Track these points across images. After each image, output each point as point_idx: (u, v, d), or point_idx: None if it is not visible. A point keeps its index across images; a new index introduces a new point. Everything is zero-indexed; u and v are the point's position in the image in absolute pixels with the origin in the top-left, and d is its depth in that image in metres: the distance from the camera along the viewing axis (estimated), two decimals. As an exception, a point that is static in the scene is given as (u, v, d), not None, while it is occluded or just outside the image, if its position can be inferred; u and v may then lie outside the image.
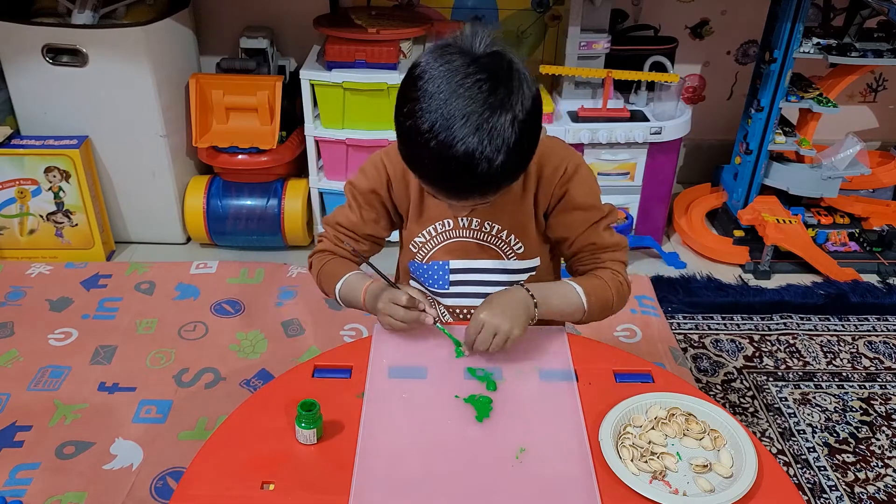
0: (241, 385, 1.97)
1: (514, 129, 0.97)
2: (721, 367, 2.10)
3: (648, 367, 1.17)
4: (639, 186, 2.44)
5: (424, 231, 1.26)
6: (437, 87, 0.96)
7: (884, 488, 1.76)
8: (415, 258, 1.30)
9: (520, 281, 1.29)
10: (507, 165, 0.98)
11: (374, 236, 1.30)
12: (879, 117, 2.99)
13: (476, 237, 1.25)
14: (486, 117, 0.95)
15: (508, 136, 0.96)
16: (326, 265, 1.29)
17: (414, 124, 0.97)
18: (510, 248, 1.26)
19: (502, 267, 1.28)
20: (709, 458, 0.98)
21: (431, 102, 0.96)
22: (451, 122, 0.95)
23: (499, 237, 1.25)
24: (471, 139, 0.95)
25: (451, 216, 1.24)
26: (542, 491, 0.95)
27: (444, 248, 1.27)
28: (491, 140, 0.95)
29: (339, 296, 1.27)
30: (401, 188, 1.25)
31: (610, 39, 2.38)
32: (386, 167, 1.24)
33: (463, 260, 1.28)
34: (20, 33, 2.25)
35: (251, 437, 1.02)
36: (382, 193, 1.25)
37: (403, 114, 1.00)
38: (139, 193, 2.50)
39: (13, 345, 2.09)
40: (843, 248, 2.57)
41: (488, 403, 1.07)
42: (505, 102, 0.96)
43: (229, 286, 2.36)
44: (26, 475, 1.70)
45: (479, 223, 1.24)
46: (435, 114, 0.96)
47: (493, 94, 0.96)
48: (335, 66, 2.29)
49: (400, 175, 1.24)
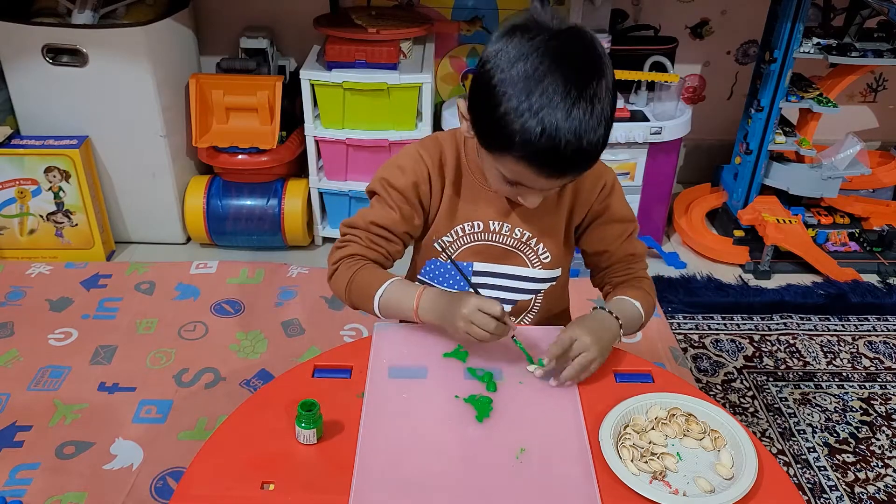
0: (241, 385, 1.97)
1: (609, 98, 0.98)
2: (721, 367, 2.10)
3: (648, 367, 1.17)
4: (639, 186, 2.44)
5: (453, 230, 1.23)
6: (528, 65, 0.96)
7: (884, 488, 1.76)
8: (439, 257, 1.27)
9: (540, 290, 1.29)
10: (607, 135, 0.99)
11: (409, 235, 1.24)
12: (879, 117, 2.99)
13: (504, 242, 1.24)
14: (585, 89, 0.95)
15: (606, 106, 0.97)
16: (359, 272, 1.19)
17: (511, 107, 0.96)
18: (536, 257, 1.25)
19: (526, 275, 1.27)
20: (713, 483, 0.97)
21: (528, 82, 0.95)
22: (553, 97, 0.94)
23: (527, 244, 1.24)
24: (576, 112, 0.95)
25: (482, 218, 1.21)
26: (542, 491, 0.95)
27: (469, 249, 1.25)
28: (593, 111, 0.96)
29: (378, 303, 1.17)
30: (437, 183, 1.21)
31: (610, 39, 2.38)
32: (425, 160, 1.20)
33: (487, 263, 1.26)
34: (20, 33, 2.25)
35: (251, 437, 1.02)
36: (423, 187, 1.20)
37: (494, 100, 0.98)
38: (139, 193, 2.50)
39: (13, 345, 2.09)
40: (843, 248, 2.57)
41: (488, 403, 1.07)
42: (598, 72, 0.97)
43: (229, 286, 2.36)
44: (26, 475, 1.70)
45: (510, 228, 1.22)
46: (534, 93, 0.95)
47: (586, 66, 0.97)
48: (335, 66, 2.29)
49: (437, 169, 1.20)
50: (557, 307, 1.37)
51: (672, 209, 2.69)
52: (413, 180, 1.19)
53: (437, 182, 1.21)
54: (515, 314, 1.32)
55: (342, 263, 1.21)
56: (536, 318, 1.33)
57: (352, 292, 1.20)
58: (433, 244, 1.25)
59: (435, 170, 1.20)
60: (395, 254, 1.24)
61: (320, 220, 2.56)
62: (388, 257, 1.23)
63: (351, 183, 2.45)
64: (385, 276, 1.19)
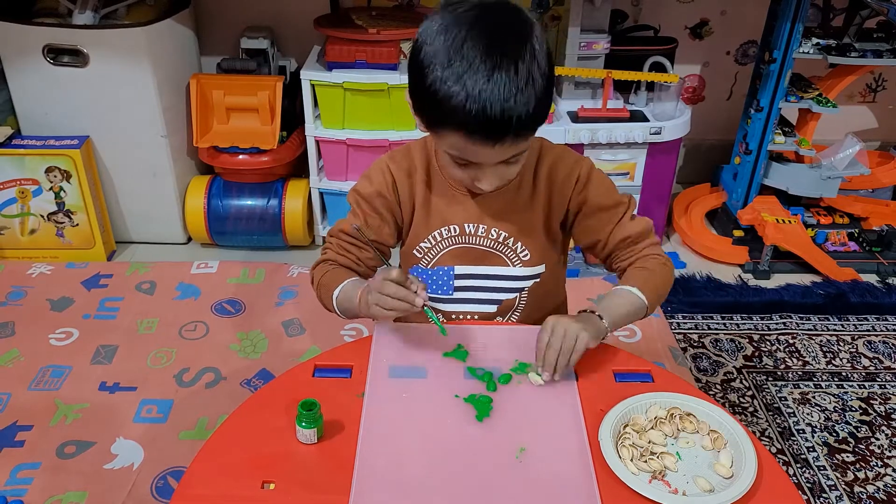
0: (242, 385, 1.97)
1: (537, 61, 0.99)
2: (721, 367, 2.11)
3: (648, 367, 1.17)
4: (638, 186, 2.44)
5: (430, 236, 1.25)
6: (449, 35, 0.98)
7: (883, 488, 1.76)
8: (419, 263, 1.29)
9: (524, 287, 1.30)
10: (541, 98, 1.00)
11: (378, 242, 1.26)
12: (879, 117, 3.00)
13: (482, 244, 1.25)
14: (505, 52, 0.97)
15: (533, 68, 0.99)
16: (326, 275, 1.25)
17: (435, 77, 0.99)
18: (516, 255, 1.26)
19: (507, 273, 1.27)
20: (712, 483, 0.97)
21: (448, 51, 0.98)
22: (473, 62, 0.96)
23: (505, 244, 1.25)
24: (497, 74, 0.96)
25: (457, 221, 1.23)
26: (542, 491, 0.95)
27: (449, 253, 1.27)
28: (518, 72, 0.97)
29: (336, 303, 1.22)
30: (406, 191, 1.23)
31: (610, 40, 2.38)
32: (391, 170, 1.23)
33: (468, 266, 1.27)
34: (21, 33, 2.25)
35: (252, 437, 1.02)
36: (389, 197, 1.23)
37: (421, 74, 1.01)
38: (140, 193, 2.50)
39: (14, 344, 2.10)
40: (842, 248, 2.57)
41: (488, 403, 1.07)
42: (520, 36, 0.99)
43: (230, 286, 2.36)
44: (27, 475, 1.70)
45: (486, 230, 1.23)
46: (454, 60, 0.97)
47: (507, 30, 0.99)
48: (335, 67, 2.29)
49: (405, 178, 1.23)
50: (550, 303, 1.37)
51: (672, 209, 2.69)
52: (377, 190, 1.23)
53: (406, 192, 1.24)
54: (502, 313, 1.32)
55: (317, 269, 1.28)
56: (524, 315, 1.33)
57: (320, 293, 1.26)
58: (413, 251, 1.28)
59: (402, 180, 1.23)
60: (366, 260, 1.27)
61: (321, 220, 2.56)
62: (359, 263, 1.27)
63: (351, 183, 2.45)
64: (343, 276, 1.23)
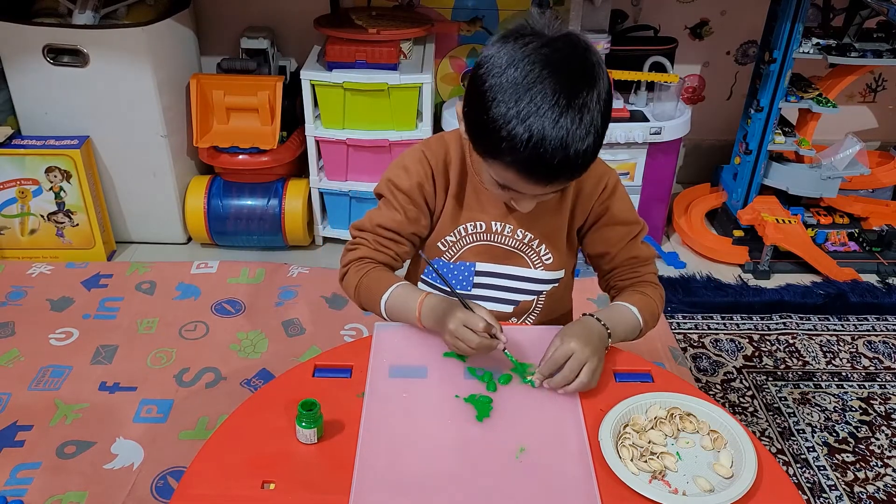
0: (242, 385, 1.97)
1: (600, 108, 0.98)
2: (720, 367, 2.11)
3: (648, 367, 1.17)
4: (638, 186, 2.44)
5: (456, 230, 1.24)
6: (518, 72, 0.96)
7: (883, 488, 1.76)
8: (442, 256, 1.28)
9: (542, 291, 1.29)
10: (597, 145, 0.99)
11: (417, 235, 1.24)
12: (879, 117, 3.00)
13: (506, 243, 1.24)
14: (574, 98, 0.96)
15: (596, 115, 0.98)
16: (367, 276, 1.21)
17: (499, 113, 0.97)
18: (538, 258, 1.26)
19: (528, 275, 1.27)
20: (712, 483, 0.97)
21: (517, 89, 0.96)
22: (542, 105, 0.95)
23: (529, 245, 1.24)
24: (563, 121, 0.95)
25: (485, 219, 1.22)
26: (542, 490, 0.95)
27: (472, 249, 1.26)
28: (581, 121, 0.96)
29: (385, 308, 1.19)
30: (442, 182, 1.22)
31: (610, 40, 2.38)
32: (429, 160, 1.20)
33: (489, 264, 1.27)
34: (21, 33, 2.25)
35: (252, 437, 1.02)
36: (427, 188, 1.21)
37: (483, 105, 0.99)
38: (140, 193, 2.50)
39: (14, 344, 2.09)
40: (842, 248, 2.58)
41: (488, 403, 1.07)
42: (589, 82, 0.97)
43: (230, 286, 2.36)
44: (27, 475, 1.70)
45: (512, 230, 1.23)
46: (522, 100, 0.95)
47: (577, 74, 0.97)
48: (336, 67, 2.29)
49: (441, 169, 1.21)
50: (560, 309, 1.37)
51: (672, 209, 2.69)
52: (417, 181, 1.20)
53: (441, 182, 1.21)
54: (518, 315, 1.32)
55: (351, 267, 1.24)
56: (538, 320, 1.33)
57: (361, 295, 1.23)
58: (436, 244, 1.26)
59: (439, 170, 1.21)
60: (403, 255, 1.25)
61: (321, 220, 2.56)
62: (397, 258, 1.25)
63: (351, 183, 2.46)
64: (391, 280, 1.20)
